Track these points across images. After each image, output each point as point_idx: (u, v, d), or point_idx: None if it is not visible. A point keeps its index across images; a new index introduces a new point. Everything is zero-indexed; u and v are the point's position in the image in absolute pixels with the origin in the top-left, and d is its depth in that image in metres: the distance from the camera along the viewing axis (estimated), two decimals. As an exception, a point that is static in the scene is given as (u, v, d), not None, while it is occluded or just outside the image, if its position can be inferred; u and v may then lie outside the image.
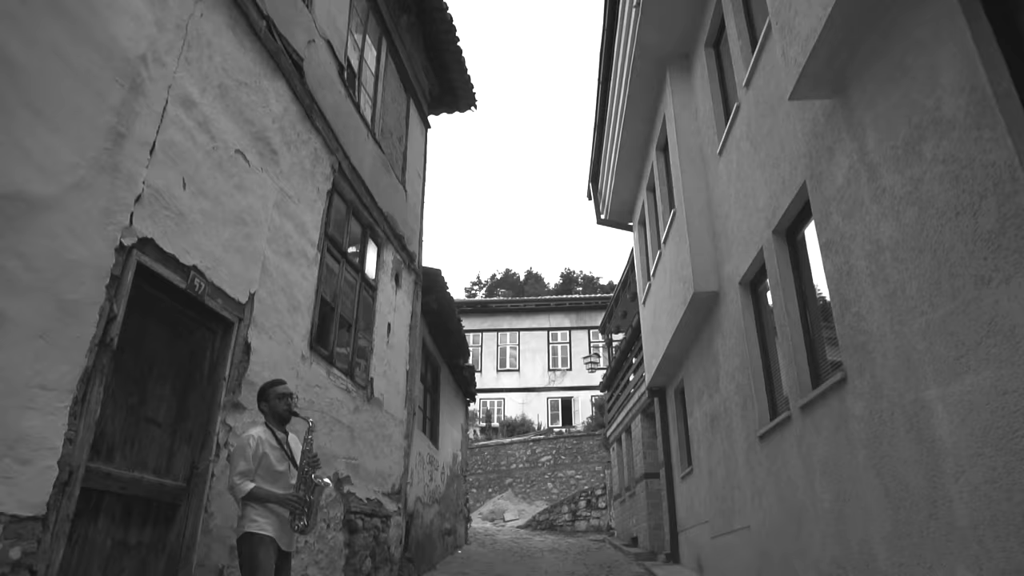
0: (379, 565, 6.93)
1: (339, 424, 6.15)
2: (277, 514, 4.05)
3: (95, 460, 3.45)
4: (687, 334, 8.99)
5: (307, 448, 4.27)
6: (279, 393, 4.34)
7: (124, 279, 3.57)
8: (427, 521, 10.42)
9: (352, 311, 6.73)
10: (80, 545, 3.35)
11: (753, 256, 6.51)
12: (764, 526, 6.36)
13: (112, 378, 3.59)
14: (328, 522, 5.87)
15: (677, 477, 10.67)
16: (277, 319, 5.13)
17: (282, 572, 4.12)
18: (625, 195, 12.41)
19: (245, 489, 3.95)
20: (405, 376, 8.16)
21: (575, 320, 29.65)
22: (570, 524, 18.61)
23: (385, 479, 7.29)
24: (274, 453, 4.17)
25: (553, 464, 22.80)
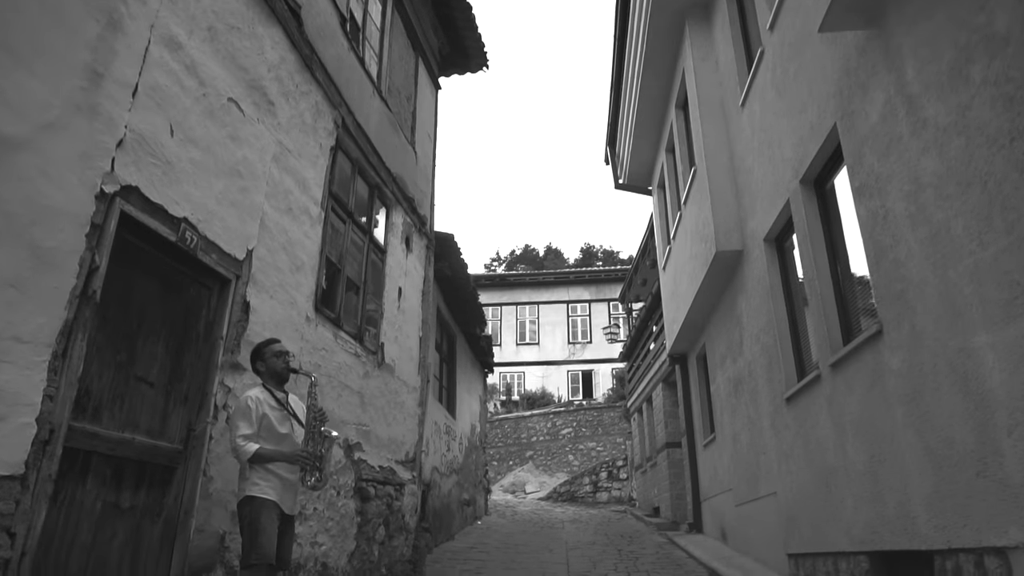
0: (393, 533, 6.79)
1: (348, 389, 5.96)
2: (280, 477, 3.87)
3: (80, 419, 3.26)
4: (709, 297, 8.67)
5: (312, 403, 4.07)
6: (275, 351, 4.13)
7: (107, 228, 3.35)
8: (445, 491, 10.30)
9: (360, 274, 6.51)
10: (67, 507, 3.18)
11: (779, 210, 6.18)
12: (791, 491, 6.10)
13: (97, 333, 3.39)
14: (338, 489, 5.70)
15: (699, 445, 10.43)
16: (278, 278, 4.91)
17: (286, 537, 3.94)
18: (643, 157, 12.03)
19: (250, 451, 3.76)
20: (418, 342, 7.96)
21: (595, 292, 29.32)
22: (591, 496, 18.49)
23: (398, 447, 7.12)
24: (275, 414, 3.98)
25: (574, 436, 22.67)
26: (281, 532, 3.87)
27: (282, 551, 3.89)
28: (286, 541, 3.94)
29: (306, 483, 3.87)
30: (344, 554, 5.76)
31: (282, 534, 3.89)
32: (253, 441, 3.83)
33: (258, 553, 3.64)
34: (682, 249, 9.67)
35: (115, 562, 3.43)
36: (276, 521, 3.78)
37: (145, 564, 3.63)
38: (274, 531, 3.73)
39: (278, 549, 3.82)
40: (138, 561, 3.59)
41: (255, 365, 4.14)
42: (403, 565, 6.94)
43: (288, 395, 4.19)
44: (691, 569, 7.62)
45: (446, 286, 10.11)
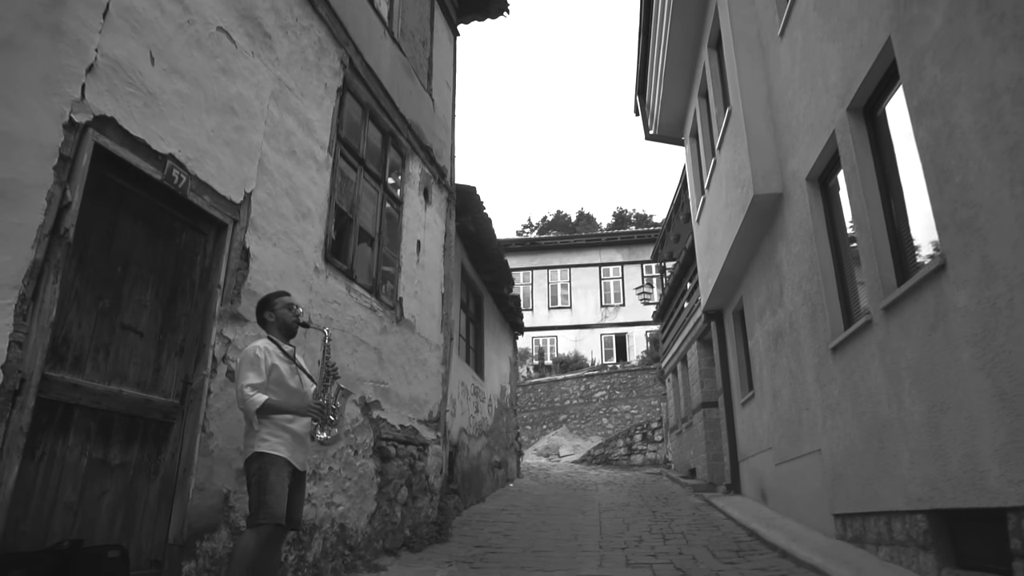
0: (417, 495, 6.56)
1: (364, 345, 5.68)
2: (291, 431, 3.60)
3: (58, 369, 3.01)
4: (746, 246, 8.17)
5: (325, 356, 3.80)
6: (287, 302, 3.88)
7: (79, 162, 3.06)
8: (474, 453, 10.09)
9: (375, 225, 6.19)
10: (46, 462, 2.94)
11: (823, 145, 5.66)
12: (838, 448, 5.68)
13: (75, 277, 3.13)
14: (356, 448, 5.46)
15: (737, 404, 10.01)
16: (282, 225, 4.61)
17: (297, 494, 3.69)
18: (675, 105, 11.43)
19: (258, 401, 3.49)
20: (440, 299, 7.65)
21: (627, 255, 28.74)
22: (626, 458, 18.24)
23: (421, 406, 6.86)
24: (284, 366, 3.70)
25: (608, 399, 22.38)
26: (292, 490, 3.62)
27: (293, 510, 3.64)
28: (297, 499, 3.70)
29: (316, 437, 3.60)
30: (364, 515, 5.54)
31: (293, 492, 3.64)
32: (261, 392, 3.56)
33: (266, 512, 3.39)
34: (717, 198, 9.15)
35: (106, 521, 3.21)
36: (286, 479, 3.52)
37: (142, 524, 3.41)
38: (283, 489, 3.48)
39: (289, 508, 3.58)
40: (133, 521, 3.36)
41: (262, 315, 3.86)
42: (428, 527, 6.73)
43: (295, 349, 3.91)
44: (729, 531, 7.29)
45: (470, 243, 9.77)
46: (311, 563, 4.70)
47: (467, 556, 6.24)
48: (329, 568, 4.90)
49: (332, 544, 5.01)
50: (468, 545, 6.81)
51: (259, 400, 3.52)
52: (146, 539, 3.44)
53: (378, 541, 5.75)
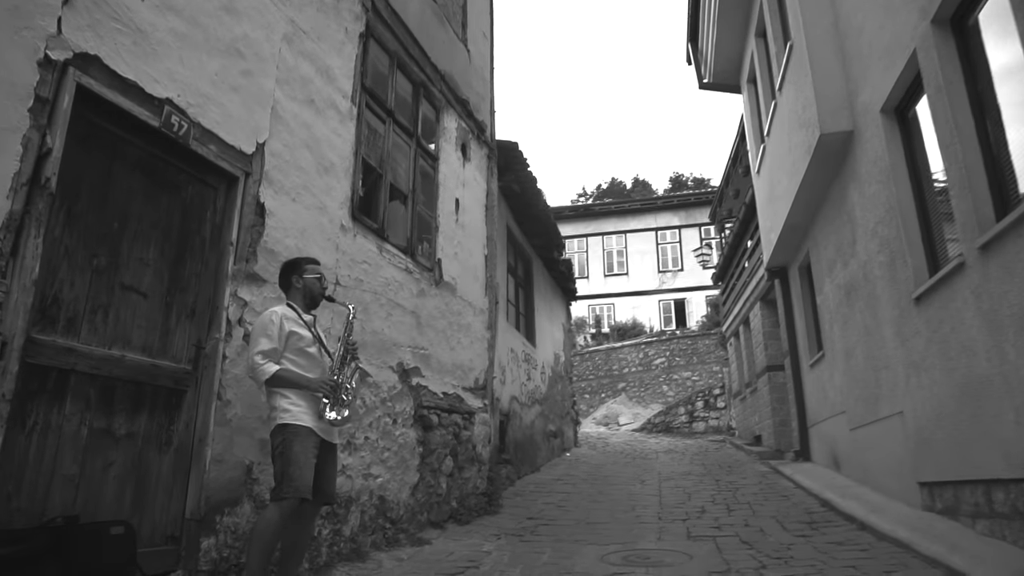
0: (463, 465, 6.28)
1: (399, 308, 5.37)
2: (317, 400, 3.31)
3: (48, 331, 2.77)
4: (813, 193, 7.49)
5: (347, 332, 3.52)
6: (319, 272, 3.62)
7: (59, 104, 2.78)
8: (527, 422, 9.78)
9: (408, 181, 5.83)
10: (40, 433, 2.71)
11: (900, 68, 5.00)
12: (924, 409, 5.09)
13: (63, 232, 2.86)
14: (394, 417, 5.18)
15: (805, 366, 9.37)
16: (301, 179, 4.29)
17: (328, 466, 3.42)
18: (730, 48, 10.66)
19: (268, 371, 3.22)
20: (483, 261, 7.28)
21: (684, 218, 27.78)
22: (687, 426, 17.69)
23: (465, 373, 6.55)
24: (304, 332, 3.41)
25: (667, 366, 21.77)
26: (322, 462, 3.35)
27: (324, 482, 3.37)
28: (328, 472, 3.43)
29: (325, 416, 3.29)
30: (405, 486, 5.27)
31: (323, 464, 3.37)
32: (274, 361, 3.28)
33: (289, 485, 3.12)
34: (778, 145, 8.45)
35: (113, 495, 2.98)
36: (312, 450, 3.24)
37: (155, 498, 3.18)
38: (309, 461, 3.20)
39: (320, 480, 3.32)
40: (145, 494, 3.13)
41: (288, 279, 3.57)
42: (477, 498, 6.44)
43: (315, 319, 3.61)
44: (799, 500, 6.77)
45: (515, 204, 9.34)
46: (348, 537, 4.45)
47: (517, 528, 5.93)
48: (368, 542, 4.65)
49: (371, 517, 4.75)
50: (519, 517, 6.50)
51: (269, 371, 3.24)
52: (160, 514, 3.21)
53: (422, 513, 5.49)
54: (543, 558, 4.75)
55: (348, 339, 3.54)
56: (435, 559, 4.68)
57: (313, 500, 3.33)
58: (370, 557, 4.54)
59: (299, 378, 3.31)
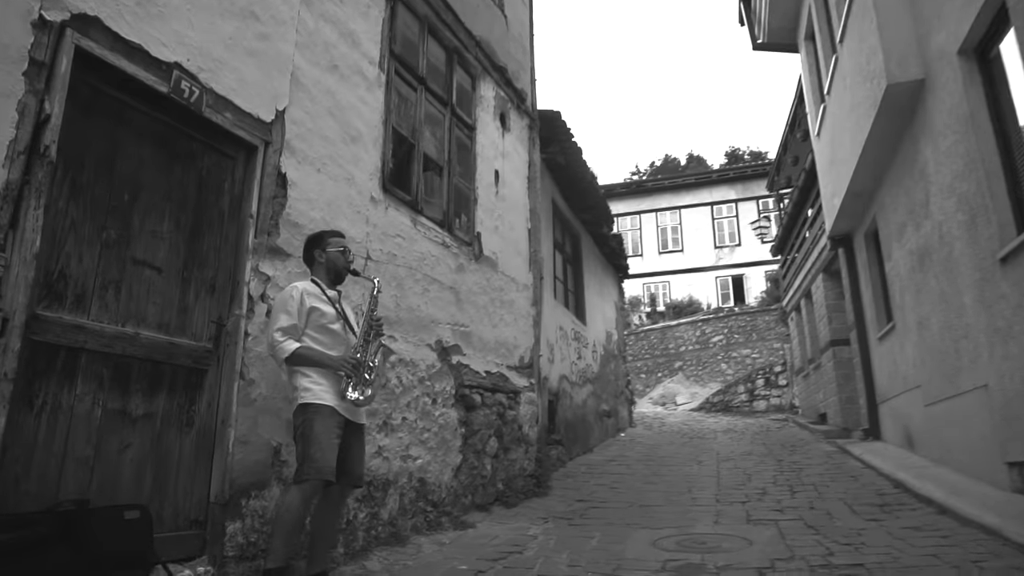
0: (508, 446, 6.06)
1: (437, 284, 5.16)
2: (340, 378, 3.13)
3: (55, 308, 2.64)
4: (879, 152, 6.94)
5: (371, 309, 3.30)
6: (341, 246, 3.42)
7: (57, 68, 2.62)
8: (578, 401, 9.52)
9: (443, 152, 5.59)
10: (49, 413, 2.59)
11: (981, 2, 4.47)
12: (1012, 381, 4.61)
13: (68, 203, 2.73)
14: (434, 396, 4.99)
15: (873, 339, 8.81)
16: (327, 149, 4.10)
17: (353, 448, 3.23)
18: (785, 4, 10.02)
19: (287, 349, 3.06)
20: (527, 235, 7.01)
21: (741, 191, 26.83)
22: (747, 404, 17.12)
23: (509, 351, 6.32)
24: (327, 308, 3.22)
25: (726, 344, 21.13)
26: (347, 443, 3.17)
27: (350, 464, 3.20)
28: (354, 453, 3.24)
29: (347, 396, 3.09)
30: (447, 468, 5.09)
31: (349, 445, 3.19)
32: (294, 338, 3.10)
33: (310, 466, 2.95)
34: (840, 102, 7.88)
35: (131, 478, 2.86)
36: (335, 429, 3.06)
37: (177, 480, 3.06)
38: (331, 442, 3.02)
39: (345, 462, 3.15)
40: (166, 477, 3.01)
41: (311, 252, 3.41)
42: (524, 480, 6.23)
43: (340, 295, 3.42)
44: (869, 481, 6.32)
45: (560, 177, 9.02)
46: (387, 520, 4.29)
47: (567, 511, 5.69)
48: (408, 526, 4.49)
49: (411, 500, 4.59)
50: (569, 499, 6.26)
51: (288, 348, 3.08)
52: (183, 497, 3.08)
53: (466, 496, 5.31)
54: (592, 543, 4.50)
55: (372, 315, 3.33)
56: (478, 543, 4.49)
57: (340, 483, 3.16)
58: (410, 541, 4.37)
59: (320, 356, 3.13)
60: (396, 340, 4.60)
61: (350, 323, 3.35)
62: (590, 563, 3.93)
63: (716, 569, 3.64)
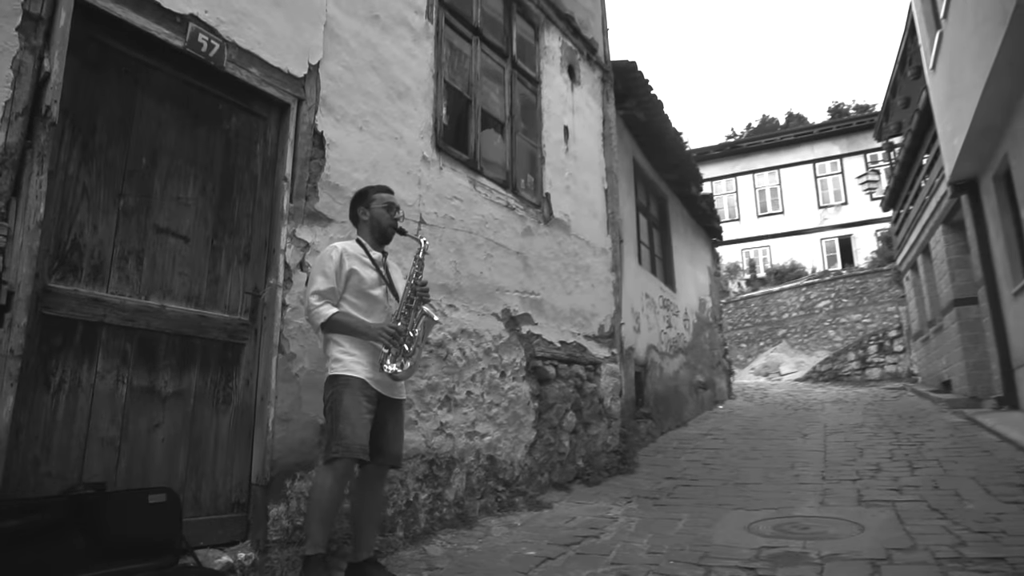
0: (588, 420, 5.68)
1: (501, 249, 4.81)
2: (372, 348, 2.85)
3: (69, 280, 2.48)
4: (1011, 77, 5.98)
5: (415, 273, 2.98)
6: (386, 201, 3.10)
7: (56, 22, 2.43)
8: (669, 373, 8.99)
9: (503, 108, 5.21)
10: (69, 392, 2.44)
11: None
12: None
13: (79, 169, 2.55)
14: (502, 369, 4.67)
15: (1006, 295, 7.78)
16: (370, 105, 3.81)
17: (390, 425, 2.95)
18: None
19: (323, 315, 2.80)
20: (603, 195, 6.54)
21: (845, 145, 24.89)
22: (859, 373, 15.91)
23: (587, 319, 5.91)
24: (367, 272, 2.93)
25: (833, 309, 19.75)
26: (383, 419, 2.90)
27: (385, 442, 2.91)
28: (390, 430, 2.95)
29: (385, 368, 2.80)
30: (520, 445, 4.78)
31: (384, 422, 2.91)
32: (331, 303, 2.84)
33: (338, 443, 2.70)
34: (959, 26, 6.88)
35: (163, 459, 2.70)
36: (366, 405, 2.78)
37: (215, 461, 2.88)
38: (361, 417, 2.75)
39: (380, 439, 2.88)
40: (203, 458, 2.83)
41: (355, 210, 3.13)
42: (608, 456, 5.84)
43: (386, 257, 3.13)
44: (1006, 456, 5.53)
45: (641, 134, 8.43)
46: (452, 502, 4.03)
47: (653, 490, 5.27)
48: (477, 507, 4.21)
49: (479, 479, 4.31)
50: (657, 476, 5.83)
51: (324, 314, 2.81)
52: (223, 479, 2.91)
53: (542, 474, 4.98)
54: (678, 526, 4.08)
55: (417, 280, 3.00)
56: (551, 525, 4.15)
57: (377, 462, 2.90)
58: (478, 523, 4.10)
59: (356, 323, 2.85)
60: (457, 309, 4.30)
61: (394, 288, 3.06)
62: (673, 550, 3.52)
63: (819, 559, 3.15)
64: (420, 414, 3.90)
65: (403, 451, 3.55)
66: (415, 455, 3.82)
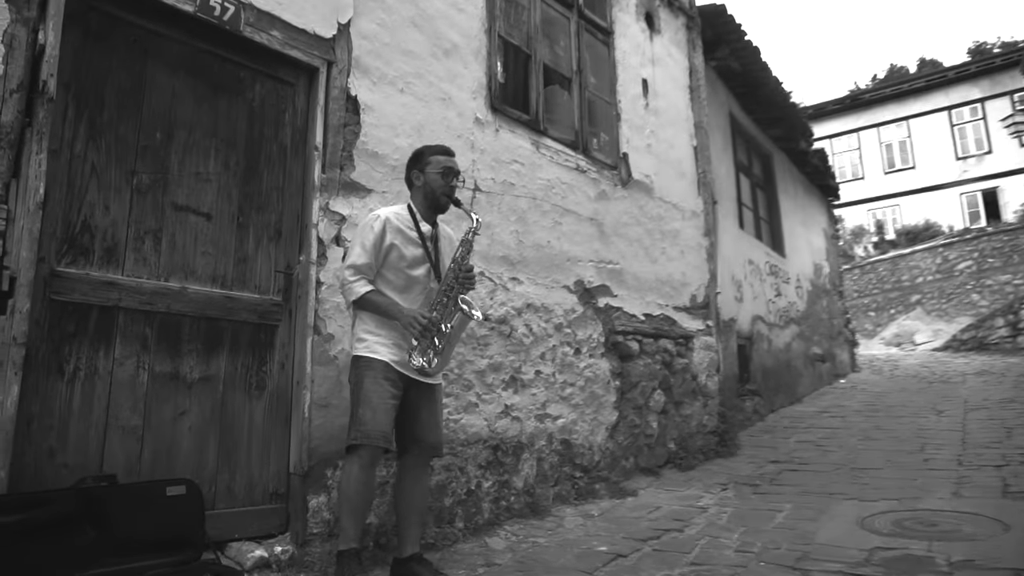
0: (680, 399, 5.21)
1: (571, 215, 4.43)
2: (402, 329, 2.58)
3: (80, 263, 2.37)
4: None
5: (461, 254, 2.65)
6: (444, 165, 2.75)
7: (49, -9, 2.30)
8: (778, 345, 8.27)
9: (569, 62, 4.78)
10: (85, 380, 2.34)
11: None
12: None
13: (86, 147, 2.43)
14: (576, 345, 4.31)
15: None
16: (412, 65, 3.52)
17: (423, 411, 2.67)
18: None
19: (355, 292, 2.56)
20: (692, 153, 5.98)
21: (988, 87, 22.21)
22: (1009, 340, 14.19)
23: (675, 289, 5.41)
24: (409, 247, 2.65)
25: (976, 271, 17.76)
26: (414, 405, 2.64)
27: (420, 429, 2.65)
28: (424, 417, 2.67)
29: (412, 362, 2.52)
30: (600, 427, 4.41)
31: (415, 408, 2.64)
32: (366, 279, 2.59)
33: (356, 430, 2.47)
34: None
35: (192, 448, 2.57)
36: (389, 389, 2.52)
37: (249, 449, 2.73)
38: (384, 402, 2.49)
39: (415, 427, 2.65)
40: (235, 446, 2.69)
41: (409, 173, 2.82)
42: (704, 437, 5.35)
43: (439, 229, 2.82)
44: None
45: (737, 86, 7.70)
46: (521, 490, 3.73)
47: (754, 475, 4.76)
48: (551, 495, 3.90)
49: (552, 465, 3.99)
50: (761, 460, 5.29)
51: (356, 291, 2.57)
52: (259, 468, 2.75)
53: (627, 459, 4.60)
54: (777, 518, 3.59)
55: (461, 264, 2.64)
56: (632, 516, 3.77)
57: (414, 452, 2.64)
58: (551, 513, 3.78)
59: (388, 307, 2.58)
60: (521, 283, 3.98)
61: (439, 268, 2.73)
62: (766, 548, 3.06)
63: (948, 566, 2.61)
64: (482, 396, 3.62)
65: (464, 436, 3.32)
66: (476, 440, 3.55)
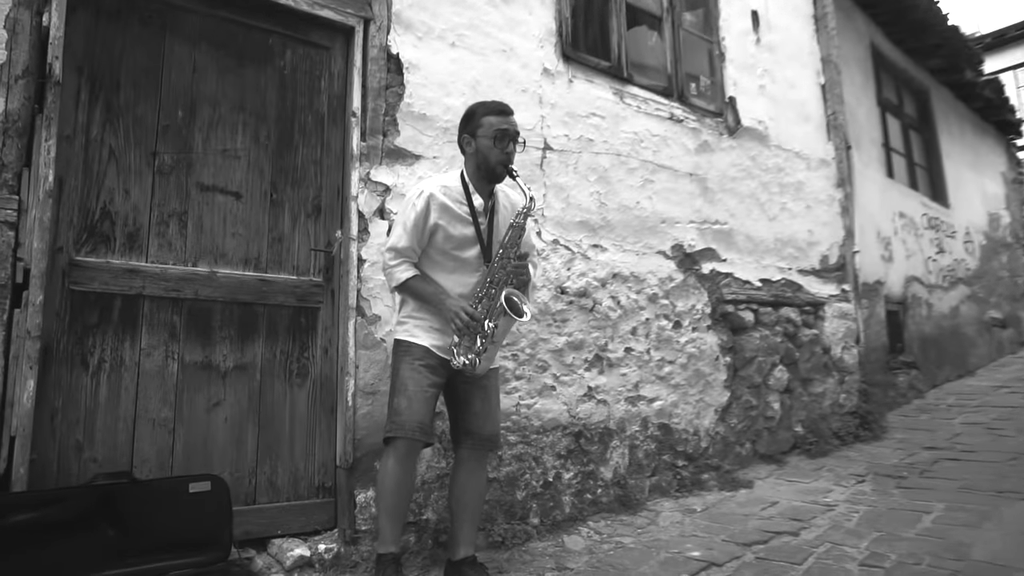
0: (809, 376, 4.55)
1: (665, 171, 3.93)
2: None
3: (100, 252, 2.29)
4: None
5: (510, 239, 2.28)
6: (497, 127, 2.35)
7: (51, -30, 2.20)
8: (941, 310, 7.18)
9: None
10: (111, 372, 2.26)
11: None
12: None
13: (102, 130, 2.33)
14: (675, 318, 3.83)
15: None
16: (463, 16, 3.19)
17: (473, 401, 2.38)
18: None
19: (398, 278, 2.32)
20: (819, 92, 5.18)
21: None
22: None
23: (801, 250, 4.73)
24: (457, 226, 2.34)
25: None
26: (463, 395, 2.38)
27: (473, 421, 2.37)
28: (478, 407, 2.37)
29: (454, 362, 2.20)
30: (708, 410, 3.91)
31: (464, 398, 2.37)
32: (409, 262, 2.33)
33: (392, 421, 2.22)
34: None
35: (228, 440, 2.44)
36: (428, 376, 2.25)
37: (292, 441, 2.57)
38: (420, 391, 2.22)
39: (467, 419, 2.39)
40: (276, 437, 2.54)
41: (460, 138, 2.47)
42: (841, 419, 4.66)
43: (497, 199, 2.45)
44: None
45: (879, 11, 6.62)
46: (610, 481, 3.35)
47: (900, 465, 4.06)
48: (646, 486, 3.49)
49: (648, 453, 3.56)
50: (912, 445, 4.52)
51: (398, 277, 2.32)
52: (303, 460, 2.59)
53: (742, 444, 4.06)
54: (923, 522, 2.98)
55: (510, 252, 2.27)
56: (740, 513, 3.28)
57: (467, 445, 2.36)
58: (646, 507, 3.38)
59: (431, 295, 2.29)
60: (605, 250, 3.56)
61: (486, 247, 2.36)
62: (902, 562, 2.49)
63: None
64: (559, 378, 3.27)
65: (539, 422, 3.02)
66: (554, 427, 3.21)
